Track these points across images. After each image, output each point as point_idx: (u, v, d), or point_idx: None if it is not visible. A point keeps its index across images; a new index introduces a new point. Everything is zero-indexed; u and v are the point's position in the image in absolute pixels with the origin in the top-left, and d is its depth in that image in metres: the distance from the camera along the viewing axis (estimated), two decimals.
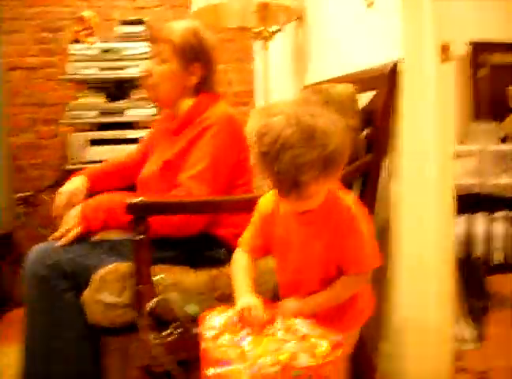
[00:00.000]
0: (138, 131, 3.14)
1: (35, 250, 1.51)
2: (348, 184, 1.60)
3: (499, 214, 2.50)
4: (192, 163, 1.59)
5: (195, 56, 1.68)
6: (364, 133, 1.70)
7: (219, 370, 1.12)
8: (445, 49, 1.67)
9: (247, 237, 1.28)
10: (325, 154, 1.03)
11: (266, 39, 2.64)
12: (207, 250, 1.61)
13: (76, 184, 1.77)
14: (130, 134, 3.09)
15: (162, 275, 1.44)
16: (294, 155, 1.01)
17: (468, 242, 2.37)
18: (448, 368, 1.77)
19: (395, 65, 1.65)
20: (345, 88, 1.70)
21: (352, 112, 1.66)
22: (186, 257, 1.57)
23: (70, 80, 3.21)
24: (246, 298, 1.17)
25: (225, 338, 1.12)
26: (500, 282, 2.60)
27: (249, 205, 1.31)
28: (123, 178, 1.91)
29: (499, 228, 2.46)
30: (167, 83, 1.69)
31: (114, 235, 1.59)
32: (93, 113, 3.08)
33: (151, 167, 1.75)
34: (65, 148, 3.15)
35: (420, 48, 1.66)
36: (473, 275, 2.27)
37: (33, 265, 1.47)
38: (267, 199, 1.27)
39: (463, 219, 2.37)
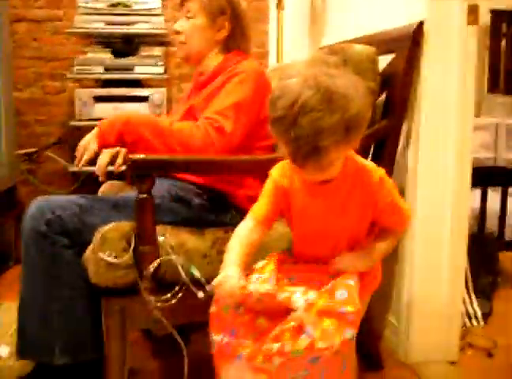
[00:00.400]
0: (146, 89, 3.06)
1: (35, 204, 1.45)
2: (364, 149, 1.53)
3: None
4: (217, 102, 1.54)
5: (222, 10, 1.67)
6: (383, 96, 1.62)
7: (227, 340, 1.10)
8: (473, 10, 1.56)
9: (258, 207, 1.20)
10: (346, 118, 0.95)
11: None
12: (217, 211, 1.55)
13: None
14: (138, 92, 3.01)
15: (166, 235, 1.38)
16: (313, 118, 0.94)
17: (481, 216, 2.31)
18: (454, 343, 1.74)
19: (420, 26, 1.55)
20: (365, 49, 1.62)
21: (371, 74, 1.58)
22: (194, 218, 1.52)
23: (77, 34, 3.11)
24: (226, 271, 1.10)
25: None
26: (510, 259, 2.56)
27: (265, 167, 1.23)
28: None
29: None
30: (195, 38, 1.68)
31: (119, 192, 1.53)
32: (100, 69, 2.99)
33: (176, 116, 1.72)
34: (72, 105, 3.07)
35: (447, 8, 1.56)
36: (485, 250, 2.21)
37: (32, 220, 1.41)
38: (281, 170, 1.19)
39: (477, 193, 2.30)
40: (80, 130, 3.13)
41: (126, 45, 3.08)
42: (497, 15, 3.75)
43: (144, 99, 3.02)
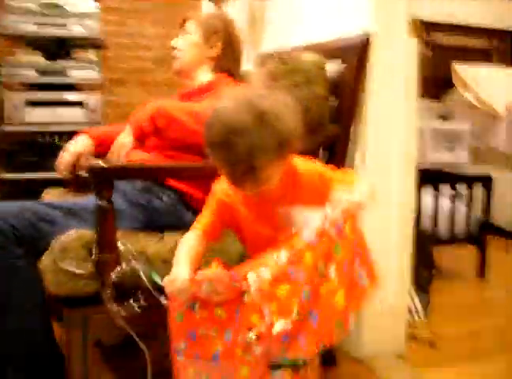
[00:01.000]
0: (80, 93, 2.99)
1: None
2: (313, 154, 1.59)
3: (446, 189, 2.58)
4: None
5: (216, 29, 1.77)
6: (332, 102, 1.68)
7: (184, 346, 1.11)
8: (414, 24, 1.66)
9: (204, 219, 1.21)
10: (278, 136, 0.99)
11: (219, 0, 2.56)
12: (178, 213, 1.56)
13: (84, 144, 1.70)
14: (72, 96, 2.93)
15: (126, 243, 1.37)
16: (246, 141, 0.97)
17: (417, 214, 2.44)
18: (401, 337, 1.83)
19: (368, 38, 1.63)
20: (314, 57, 1.67)
21: (321, 81, 1.63)
22: (154, 222, 1.52)
23: (6, 35, 2.98)
24: (175, 270, 1.11)
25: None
26: (443, 254, 2.72)
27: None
28: None
29: (445, 203, 2.55)
30: (188, 52, 1.77)
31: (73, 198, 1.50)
32: (31, 72, 2.88)
33: None
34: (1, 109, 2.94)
35: (392, 22, 1.65)
36: (422, 246, 2.34)
37: None
38: (222, 186, 1.20)
39: None
40: (11, 136, 3.02)
41: (58, 48, 2.99)
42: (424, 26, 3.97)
43: (78, 103, 2.94)
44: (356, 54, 1.63)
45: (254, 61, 2.31)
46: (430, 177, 2.56)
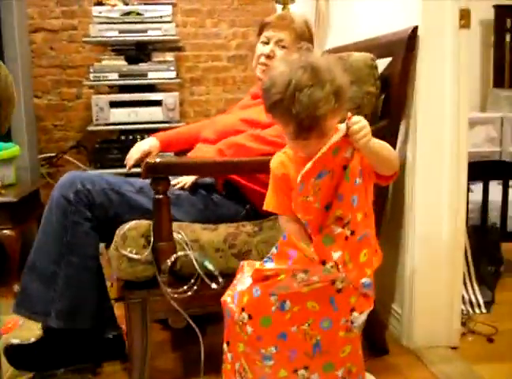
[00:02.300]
0: (159, 94, 3.18)
1: (67, 175, 1.60)
2: None
3: None
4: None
5: (311, 39, 1.82)
6: (381, 98, 1.72)
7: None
8: (464, 15, 1.66)
9: (274, 203, 1.29)
10: (334, 87, 1.11)
11: (287, 2, 2.63)
12: (233, 205, 1.67)
13: (152, 143, 1.90)
14: (151, 97, 3.14)
15: (181, 232, 1.50)
16: (309, 92, 1.09)
17: (483, 208, 2.39)
18: (455, 329, 1.83)
19: (414, 31, 1.65)
20: (363, 56, 1.71)
21: (371, 79, 1.68)
22: (209, 212, 1.64)
23: (92, 43, 3.24)
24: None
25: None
26: None
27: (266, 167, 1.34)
28: (193, 140, 1.95)
29: None
30: None
31: None
32: (115, 75, 3.11)
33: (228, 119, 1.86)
34: (88, 110, 3.21)
35: (440, 13, 1.66)
36: (487, 240, 2.30)
37: (61, 188, 1.56)
38: (277, 160, 1.30)
39: (479, 186, 2.38)
40: (97, 135, 3.29)
41: (138, 52, 3.20)
42: (500, 10, 3.80)
43: (157, 103, 3.14)
44: (404, 48, 1.65)
45: None
46: (499, 168, 2.49)
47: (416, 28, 1.65)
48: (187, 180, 1.65)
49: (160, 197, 1.45)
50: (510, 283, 2.40)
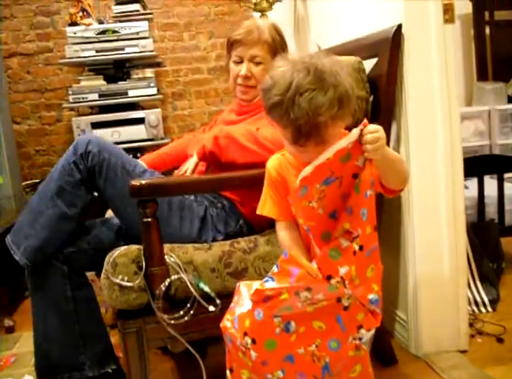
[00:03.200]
0: (141, 111, 3.12)
1: (92, 137, 1.58)
2: None
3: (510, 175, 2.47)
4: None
5: (283, 46, 1.75)
6: (370, 99, 1.67)
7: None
8: (448, 9, 1.62)
9: (268, 207, 1.24)
10: (338, 93, 1.04)
11: (265, 10, 2.60)
12: (228, 221, 1.61)
13: None
14: (133, 115, 3.08)
15: (173, 255, 1.44)
16: (310, 97, 1.02)
17: (480, 204, 2.35)
18: (463, 332, 1.78)
19: (398, 29, 1.61)
20: (350, 60, 1.66)
21: (360, 83, 1.63)
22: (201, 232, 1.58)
23: (69, 64, 3.18)
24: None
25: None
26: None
27: (256, 182, 1.30)
28: (181, 158, 1.91)
29: (510, 189, 2.43)
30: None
31: None
32: (94, 95, 3.05)
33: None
34: (70, 133, 3.14)
35: (423, 10, 1.62)
36: (487, 237, 2.26)
37: (79, 141, 1.55)
38: (275, 161, 1.25)
39: (474, 181, 2.34)
40: None
41: (117, 70, 3.15)
42: (478, 3, 3.79)
43: (140, 121, 3.08)
44: (389, 47, 1.60)
45: None
46: (493, 163, 2.46)
47: (400, 26, 1.61)
48: (190, 164, 1.63)
49: (149, 220, 1.38)
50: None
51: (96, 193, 1.58)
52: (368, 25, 1.82)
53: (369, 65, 1.72)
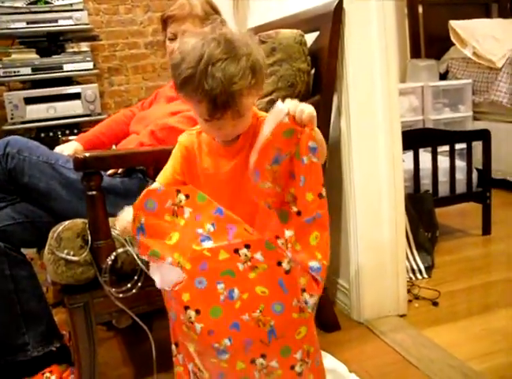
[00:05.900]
0: (77, 86, 3.03)
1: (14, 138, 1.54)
2: None
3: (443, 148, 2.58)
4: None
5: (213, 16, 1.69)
6: (312, 73, 1.70)
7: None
8: None
9: (166, 172, 1.23)
10: (250, 61, 1.03)
11: None
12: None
13: (76, 147, 1.81)
14: (69, 90, 2.98)
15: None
16: (223, 66, 1.00)
17: (415, 176, 2.44)
18: (402, 298, 1.87)
19: (340, 3, 1.63)
20: (292, 33, 1.68)
21: (302, 56, 1.65)
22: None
23: None
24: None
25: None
26: (445, 214, 2.73)
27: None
28: (118, 137, 1.88)
29: (444, 162, 2.54)
30: None
31: None
32: (27, 69, 2.93)
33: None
34: (2, 109, 3.01)
35: None
36: (422, 208, 2.36)
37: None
38: (188, 135, 1.23)
39: (410, 155, 2.43)
40: (14, 133, 3.08)
41: (50, 43, 3.02)
42: None
43: (76, 96, 2.99)
44: (330, 21, 1.63)
45: None
46: (427, 136, 2.56)
47: (341, 0, 1.63)
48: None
49: (94, 193, 1.35)
50: (445, 246, 2.48)
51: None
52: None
53: (311, 38, 1.74)
